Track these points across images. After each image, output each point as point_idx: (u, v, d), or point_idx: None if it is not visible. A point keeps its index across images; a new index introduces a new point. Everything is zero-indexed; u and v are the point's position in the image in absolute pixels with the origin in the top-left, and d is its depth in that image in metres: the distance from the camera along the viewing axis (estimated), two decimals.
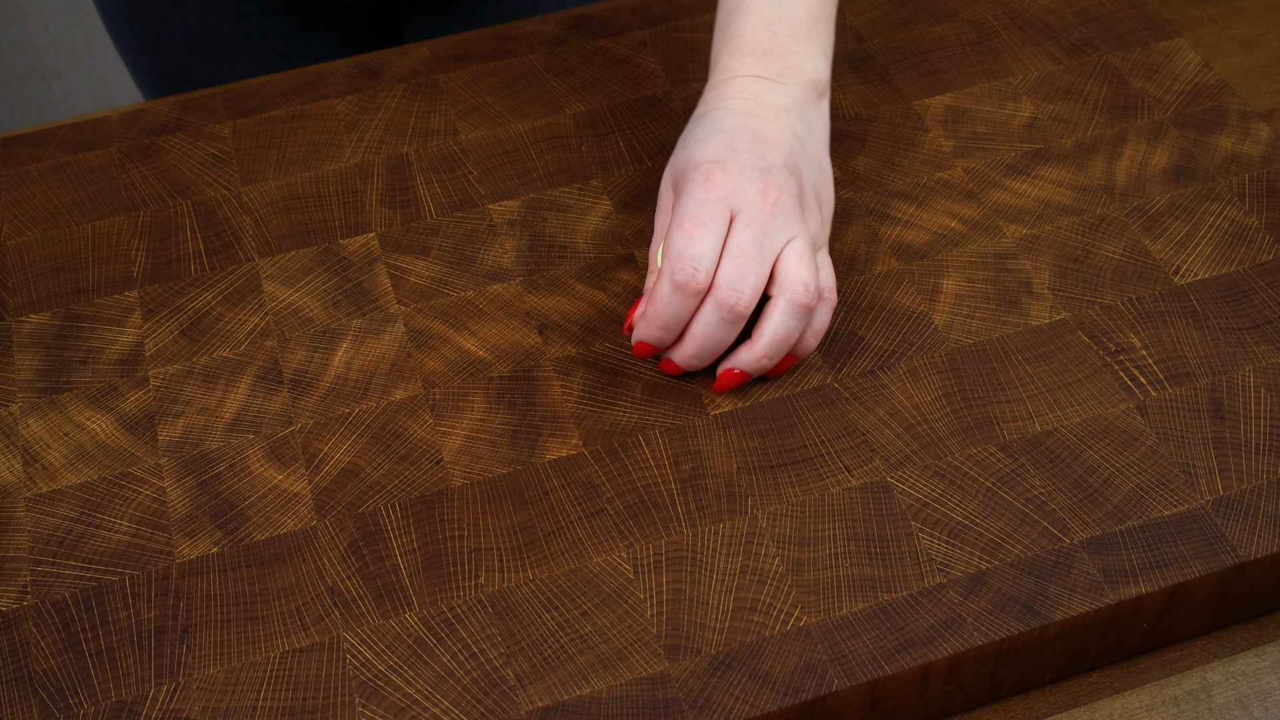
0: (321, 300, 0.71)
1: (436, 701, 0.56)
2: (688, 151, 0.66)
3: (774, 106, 0.67)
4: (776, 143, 0.66)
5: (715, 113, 0.67)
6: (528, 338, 0.69)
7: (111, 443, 0.65)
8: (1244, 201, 0.74)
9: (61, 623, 0.59)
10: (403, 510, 0.62)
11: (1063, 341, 0.68)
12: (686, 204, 0.64)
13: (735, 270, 0.62)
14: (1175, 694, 0.61)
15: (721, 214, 0.63)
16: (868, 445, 0.64)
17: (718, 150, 0.65)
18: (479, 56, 0.84)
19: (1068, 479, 0.63)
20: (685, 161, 0.66)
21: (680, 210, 0.64)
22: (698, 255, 0.62)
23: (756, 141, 0.66)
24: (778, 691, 0.56)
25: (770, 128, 0.66)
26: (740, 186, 0.64)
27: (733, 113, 0.67)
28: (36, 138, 0.80)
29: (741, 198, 0.63)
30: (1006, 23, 0.85)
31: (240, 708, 0.57)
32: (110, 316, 0.71)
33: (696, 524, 0.62)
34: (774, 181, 0.64)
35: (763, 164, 0.65)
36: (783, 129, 0.67)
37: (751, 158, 0.65)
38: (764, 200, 0.63)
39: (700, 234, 0.63)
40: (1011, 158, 0.77)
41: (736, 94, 0.68)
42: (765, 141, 0.66)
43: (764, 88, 0.68)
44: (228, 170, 0.77)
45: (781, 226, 0.64)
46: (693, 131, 0.67)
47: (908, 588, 0.59)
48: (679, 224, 0.63)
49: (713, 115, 0.67)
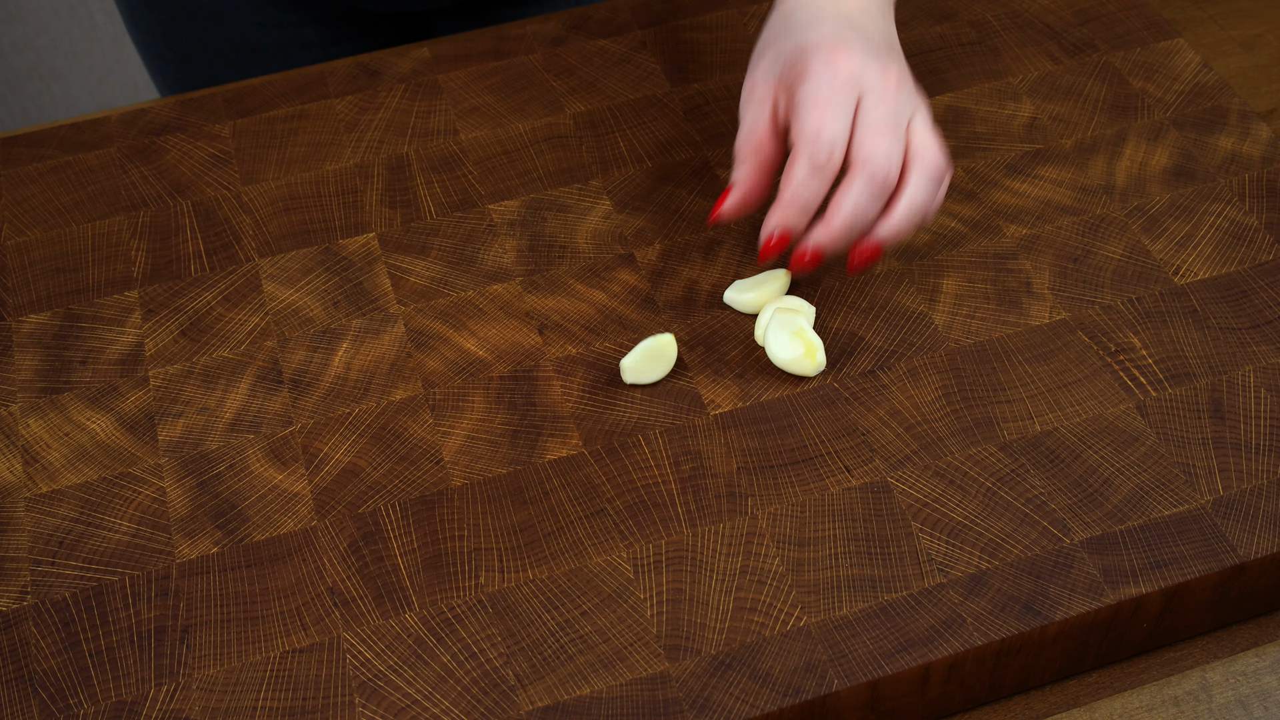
0: (321, 300, 0.71)
1: (436, 701, 0.56)
2: (795, 38, 0.66)
3: (859, 4, 0.68)
4: (875, 31, 0.67)
5: (804, 9, 0.67)
6: (528, 338, 0.69)
7: (111, 443, 0.65)
8: (1244, 201, 0.74)
9: (61, 623, 0.59)
10: (403, 510, 0.62)
11: (1063, 341, 0.68)
12: (815, 85, 0.64)
13: (882, 143, 0.63)
14: (1175, 694, 0.61)
15: (851, 95, 0.64)
16: (868, 445, 0.64)
17: (829, 34, 0.65)
18: (479, 56, 0.84)
19: (1068, 479, 0.63)
20: (798, 47, 0.65)
21: (809, 92, 0.64)
22: (834, 137, 0.63)
23: (856, 29, 0.66)
24: (778, 691, 0.56)
25: (863, 19, 0.67)
26: (864, 65, 0.64)
27: (821, 7, 0.67)
28: (36, 138, 0.80)
29: (867, 77, 0.64)
30: (1006, 23, 0.85)
31: (240, 708, 0.57)
32: (110, 316, 0.71)
33: (696, 524, 0.62)
34: (890, 63, 0.65)
35: (870, 48, 0.65)
36: (874, 19, 0.68)
37: (861, 42, 0.65)
38: (886, 80, 0.64)
39: (834, 115, 0.63)
40: (1011, 158, 0.77)
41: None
42: (864, 29, 0.66)
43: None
44: (228, 170, 0.77)
45: (905, 103, 0.64)
46: (789, 20, 0.67)
47: (908, 588, 0.59)
48: (811, 105, 0.63)
49: (803, 10, 0.67)
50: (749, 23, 0.85)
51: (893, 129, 0.64)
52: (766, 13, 0.71)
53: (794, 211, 0.64)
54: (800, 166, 0.63)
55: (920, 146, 0.64)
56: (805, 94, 0.64)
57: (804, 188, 0.63)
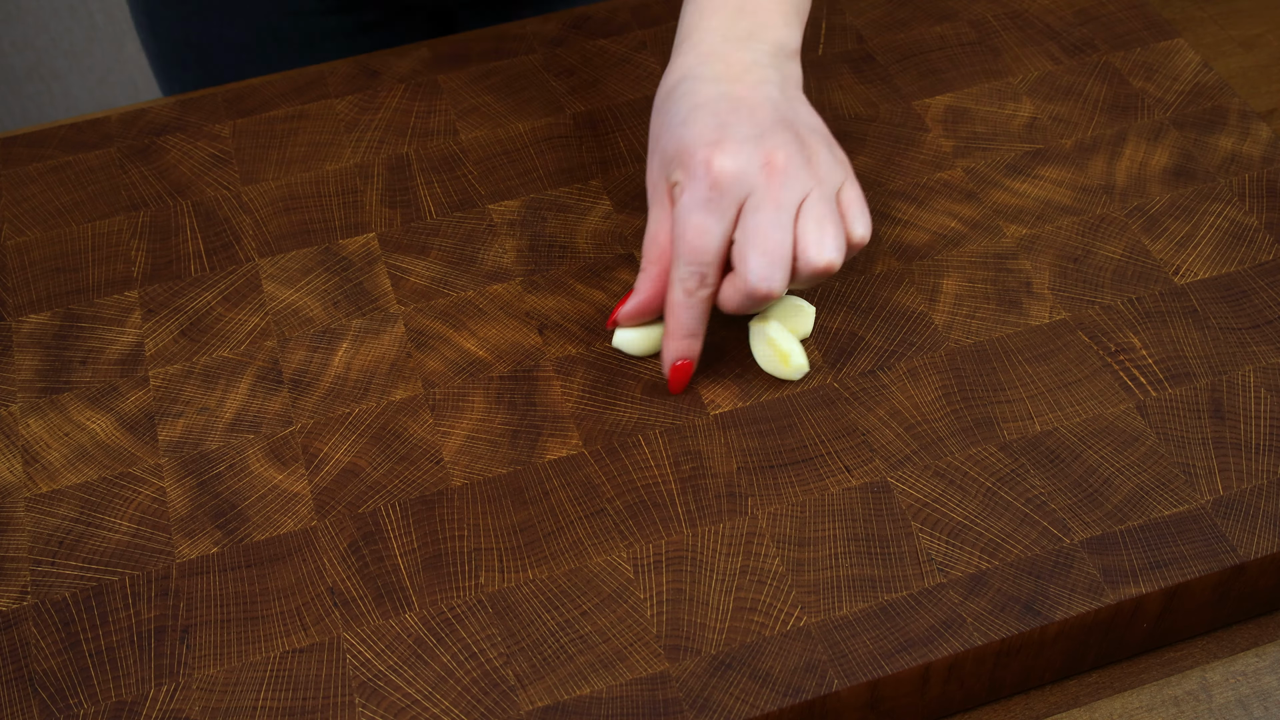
0: (321, 300, 0.71)
1: (436, 701, 0.56)
2: (675, 134, 0.64)
3: (743, 63, 0.65)
4: (759, 101, 0.64)
5: (685, 84, 0.65)
6: (528, 338, 0.69)
7: (111, 443, 0.65)
8: (1244, 201, 0.74)
9: (61, 623, 0.59)
10: (403, 510, 0.62)
11: (1063, 341, 0.68)
12: (687, 204, 0.62)
13: (761, 260, 0.61)
14: (1175, 694, 0.61)
15: (726, 210, 0.62)
16: (868, 445, 0.64)
17: (706, 130, 0.63)
18: (479, 56, 0.84)
19: (1068, 479, 0.63)
20: (678, 148, 0.63)
21: (681, 210, 0.62)
22: (704, 262, 0.62)
23: (738, 108, 0.63)
24: (778, 691, 0.56)
25: (746, 85, 0.64)
26: (740, 169, 0.62)
27: (702, 80, 0.65)
28: (36, 138, 0.80)
29: (744, 183, 0.62)
30: (1006, 23, 0.85)
31: (240, 708, 0.57)
32: (110, 316, 0.71)
33: (696, 524, 0.62)
34: (773, 147, 0.62)
35: (755, 132, 0.63)
36: (759, 83, 0.65)
37: (742, 129, 0.63)
38: (769, 177, 0.62)
39: (704, 241, 0.62)
40: (1011, 158, 0.77)
41: (704, 58, 0.66)
42: (748, 104, 0.64)
43: (731, 48, 0.66)
44: (228, 170, 0.77)
45: (792, 191, 0.62)
46: (669, 110, 0.65)
47: (908, 588, 0.59)
48: (682, 229, 0.62)
49: (683, 87, 0.65)
50: None
51: (776, 235, 0.61)
52: None
53: (680, 340, 0.65)
54: (676, 293, 0.63)
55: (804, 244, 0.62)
56: (679, 211, 0.62)
57: (682, 315, 0.64)
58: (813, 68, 0.82)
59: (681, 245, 0.62)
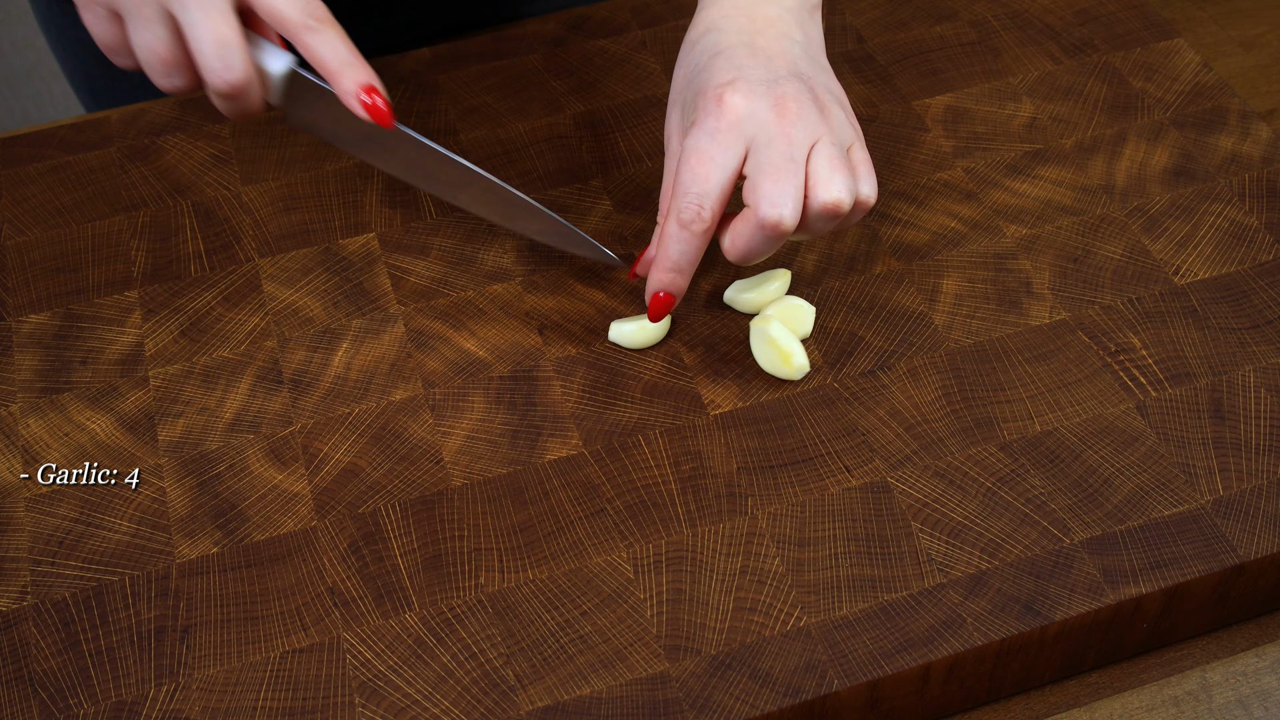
0: (321, 300, 0.71)
1: (436, 701, 0.56)
2: (696, 81, 0.64)
3: (767, 18, 0.65)
4: (778, 52, 0.64)
5: (708, 36, 0.65)
6: (528, 338, 0.69)
7: (111, 443, 0.65)
8: (1244, 201, 0.74)
9: (61, 623, 0.59)
10: (403, 510, 0.62)
11: (1063, 341, 0.68)
12: (695, 136, 0.62)
13: (774, 185, 0.61)
14: (1175, 694, 0.61)
15: (733, 144, 0.62)
16: (868, 445, 0.64)
17: (722, 72, 0.63)
18: (479, 56, 0.84)
19: (1068, 479, 0.63)
20: (696, 91, 0.64)
21: (688, 145, 0.62)
22: (703, 192, 0.62)
23: (756, 54, 0.64)
24: (778, 691, 0.56)
25: (767, 38, 0.64)
26: (752, 108, 0.62)
27: (725, 32, 0.65)
28: (36, 138, 0.80)
29: (755, 120, 0.62)
30: (1006, 23, 0.85)
31: (240, 708, 0.57)
32: (110, 316, 0.71)
33: (696, 524, 0.62)
34: (786, 93, 0.62)
35: (770, 77, 0.63)
36: (780, 37, 0.65)
37: (757, 72, 0.63)
38: (780, 116, 0.62)
39: (706, 169, 0.62)
40: (1011, 158, 0.77)
41: (727, 12, 0.66)
42: (766, 53, 0.64)
43: (753, 3, 0.66)
44: (228, 170, 0.77)
45: (804, 132, 0.62)
46: (689, 59, 0.66)
47: (908, 588, 0.59)
48: (685, 158, 0.62)
49: (706, 40, 0.65)
50: None
51: (788, 166, 0.61)
52: None
53: (665, 271, 0.64)
54: (669, 224, 0.63)
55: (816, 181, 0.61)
56: (686, 146, 0.62)
57: (672, 246, 0.63)
58: None
59: (684, 173, 0.62)
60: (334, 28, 0.62)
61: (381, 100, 0.63)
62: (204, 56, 0.61)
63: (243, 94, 0.62)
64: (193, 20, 0.60)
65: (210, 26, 0.60)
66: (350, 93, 0.62)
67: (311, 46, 0.62)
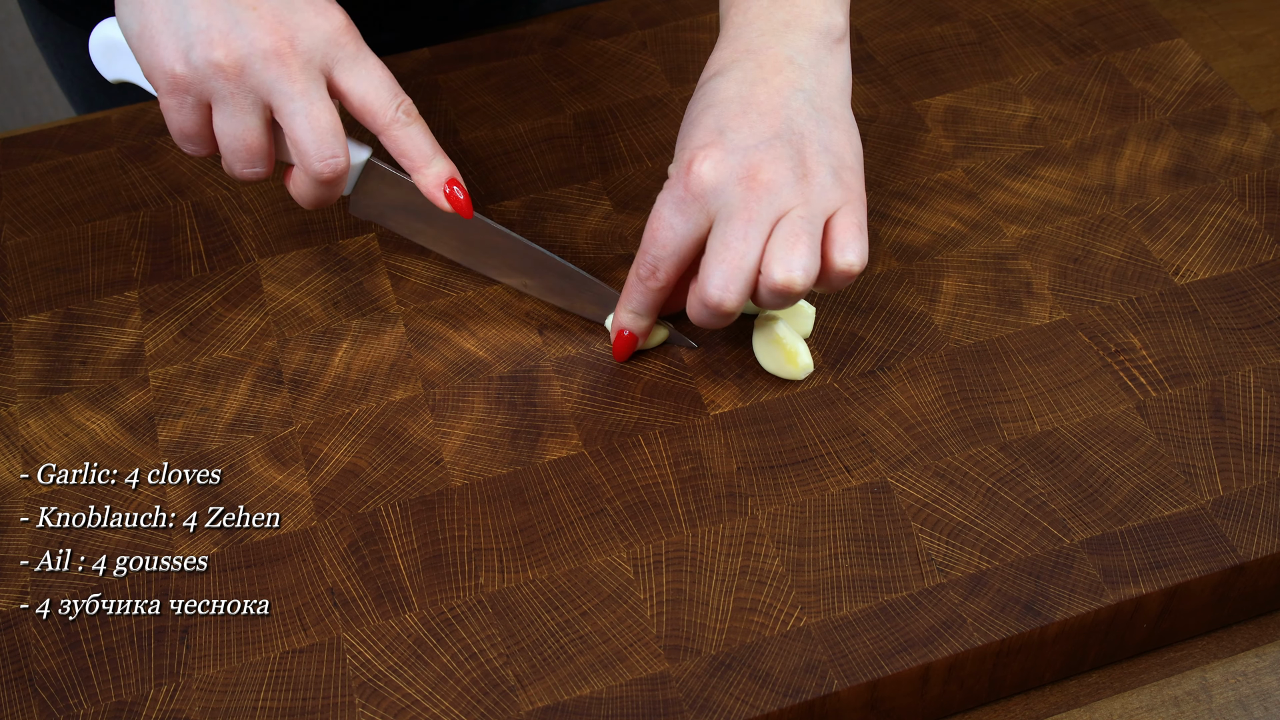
0: (321, 300, 0.71)
1: (436, 702, 0.56)
2: (683, 132, 0.64)
3: (777, 61, 0.63)
4: (774, 107, 0.62)
5: (713, 81, 0.64)
6: (528, 338, 0.69)
7: (111, 443, 0.65)
8: (1244, 201, 0.74)
9: (61, 623, 0.59)
10: (403, 510, 0.62)
11: (1063, 342, 0.68)
12: (663, 198, 0.63)
13: (720, 270, 0.60)
14: (1175, 694, 0.61)
15: (695, 215, 0.62)
16: (868, 445, 0.64)
17: (706, 132, 0.62)
18: (479, 56, 0.84)
19: (1068, 479, 0.63)
20: (680, 145, 0.64)
21: (657, 202, 0.63)
22: (659, 256, 0.63)
23: (748, 112, 0.62)
24: (778, 692, 0.56)
25: (768, 90, 0.63)
26: (719, 181, 0.61)
27: (728, 79, 0.64)
28: (36, 138, 0.80)
29: (720, 195, 0.61)
30: (1006, 23, 0.85)
31: (240, 708, 0.57)
32: (110, 316, 0.71)
33: (696, 524, 0.62)
34: (761, 161, 0.61)
35: (752, 141, 0.61)
36: (783, 87, 0.63)
37: (739, 136, 0.61)
38: (747, 189, 0.60)
39: (665, 235, 0.62)
40: (1011, 158, 0.77)
41: (738, 55, 0.64)
42: (760, 109, 0.62)
43: (767, 41, 0.64)
44: None
45: (769, 207, 0.60)
46: (694, 101, 0.65)
47: (908, 588, 0.59)
48: (652, 217, 0.63)
49: (710, 84, 0.64)
50: None
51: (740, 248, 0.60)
52: None
53: (625, 313, 0.66)
54: (631, 274, 0.65)
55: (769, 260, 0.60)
56: (656, 204, 0.63)
57: (635, 293, 0.65)
58: None
59: (646, 233, 0.63)
60: (420, 122, 0.64)
61: (462, 192, 0.65)
62: (307, 144, 0.62)
63: (340, 182, 0.63)
64: (295, 110, 0.61)
65: (314, 115, 0.61)
66: (435, 186, 0.65)
67: (399, 140, 0.63)
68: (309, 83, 0.61)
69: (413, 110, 0.64)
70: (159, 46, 0.61)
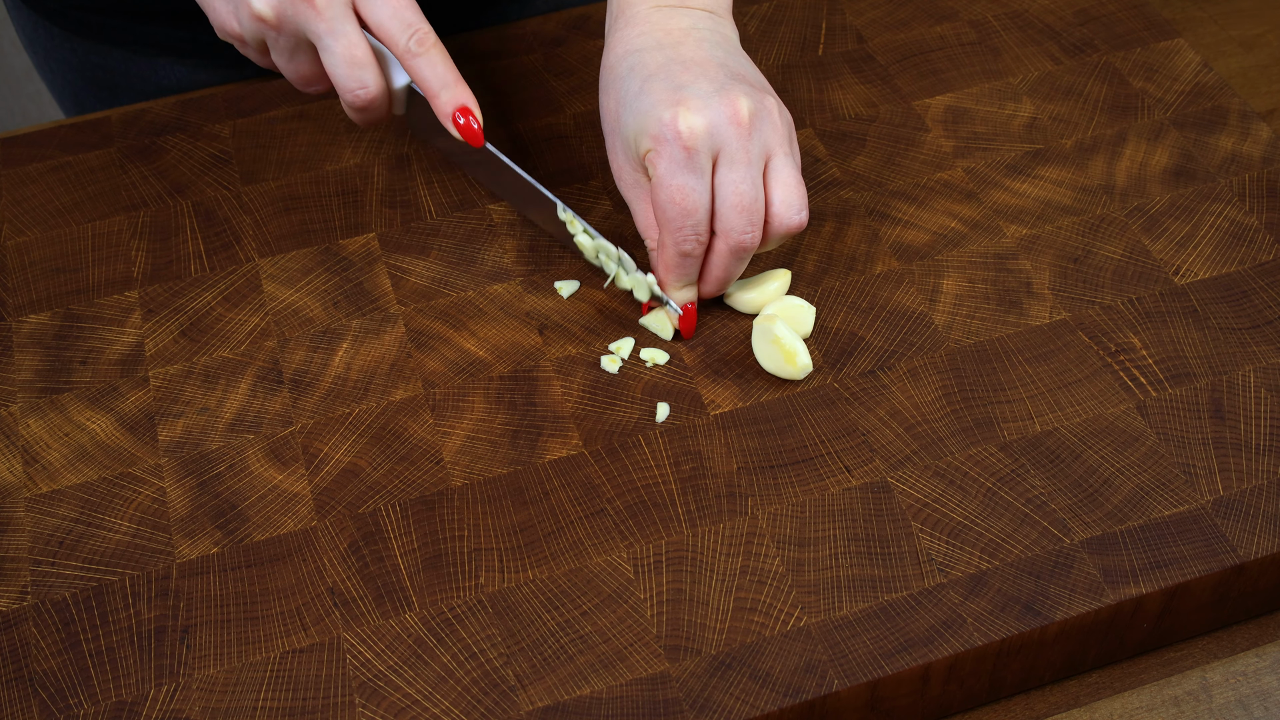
0: (321, 300, 0.71)
1: (436, 702, 0.56)
2: (634, 114, 0.65)
3: (683, 28, 0.67)
4: (704, 59, 0.65)
5: (630, 59, 0.66)
6: (528, 338, 0.69)
7: (111, 443, 0.65)
8: (1244, 201, 0.74)
9: (61, 623, 0.59)
10: (403, 510, 0.62)
11: (1063, 341, 0.68)
12: (666, 168, 0.63)
13: (739, 215, 0.63)
14: (1175, 694, 0.61)
15: (703, 164, 0.63)
16: (868, 445, 0.64)
17: (664, 94, 0.64)
18: (479, 56, 0.84)
19: (1068, 479, 0.63)
20: (639, 125, 0.64)
21: (661, 178, 0.63)
22: (696, 222, 0.64)
23: (689, 68, 0.65)
24: (778, 691, 0.56)
25: (691, 49, 0.66)
26: (711, 123, 0.63)
27: (647, 51, 0.66)
28: (36, 138, 0.80)
29: (716, 134, 0.63)
30: (1006, 23, 0.85)
31: (240, 708, 0.57)
32: (110, 316, 0.71)
33: (696, 524, 0.62)
34: (732, 99, 0.63)
35: (712, 87, 0.64)
36: (700, 44, 0.66)
37: (699, 86, 0.64)
38: (738, 126, 0.63)
39: (689, 201, 0.63)
40: (1011, 158, 0.77)
41: (642, 30, 0.67)
42: (697, 64, 0.65)
43: (666, 16, 0.67)
44: (228, 170, 0.77)
45: (758, 145, 0.64)
46: (616, 86, 0.66)
47: (908, 588, 0.59)
48: (667, 194, 0.63)
49: (629, 62, 0.66)
50: (749, 23, 0.85)
51: (750, 190, 0.63)
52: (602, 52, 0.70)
53: (681, 293, 0.67)
54: (670, 254, 0.65)
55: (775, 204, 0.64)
56: (659, 179, 0.64)
57: (679, 270, 0.66)
58: (813, 68, 0.82)
59: (671, 211, 0.64)
60: (436, 50, 0.66)
61: (475, 120, 0.67)
62: (338, 75, 0.66)
63: (374, 107, 0.67)
64: (326, 46, 0.66)
65: (343, 48, 0.65)
66: (446, 114, 0.67)
67: (415, 69, 0.66)
68: (335, 19, 0.65)
69: (427, 39, 0.66)
70: (215, 13, 0.68)
